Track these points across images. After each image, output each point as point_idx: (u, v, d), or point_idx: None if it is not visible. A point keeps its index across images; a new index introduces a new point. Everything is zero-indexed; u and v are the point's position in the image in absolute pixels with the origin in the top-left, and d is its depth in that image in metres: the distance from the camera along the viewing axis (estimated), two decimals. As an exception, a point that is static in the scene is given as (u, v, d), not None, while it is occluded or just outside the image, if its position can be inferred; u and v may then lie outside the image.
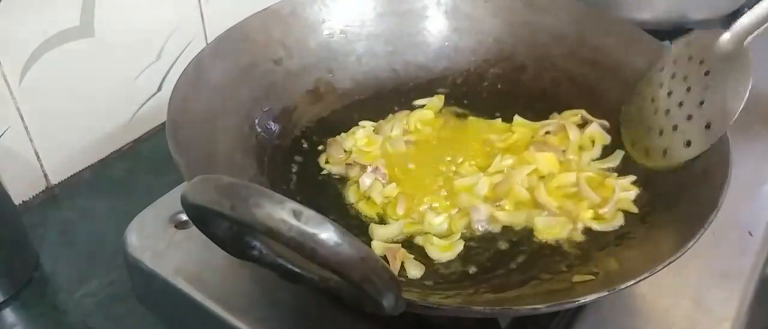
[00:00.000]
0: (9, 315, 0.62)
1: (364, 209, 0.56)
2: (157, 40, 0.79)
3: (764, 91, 0.77)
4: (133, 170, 0.78)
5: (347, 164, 0.59)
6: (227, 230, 0.38)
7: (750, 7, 0.86)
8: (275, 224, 0.30)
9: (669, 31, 0.76)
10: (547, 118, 0.64)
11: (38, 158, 0.72)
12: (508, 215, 0.54)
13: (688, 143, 0.53)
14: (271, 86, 0.61)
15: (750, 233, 0.58)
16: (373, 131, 0.63)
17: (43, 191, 0.74)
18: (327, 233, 0.30)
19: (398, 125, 0.62)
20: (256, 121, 0.59)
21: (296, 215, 0.30)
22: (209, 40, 0.80)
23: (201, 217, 0.35)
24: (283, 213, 0.30)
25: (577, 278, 0.46)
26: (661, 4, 0.76)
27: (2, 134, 0.67)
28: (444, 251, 0.52)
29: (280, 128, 0.60)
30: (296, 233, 0.30)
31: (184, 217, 0.57)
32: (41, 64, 0.68)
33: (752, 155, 0.66)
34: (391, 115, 0.64)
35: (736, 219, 0.59)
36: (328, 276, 0.40)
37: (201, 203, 0.32)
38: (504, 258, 0.52)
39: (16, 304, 0.63)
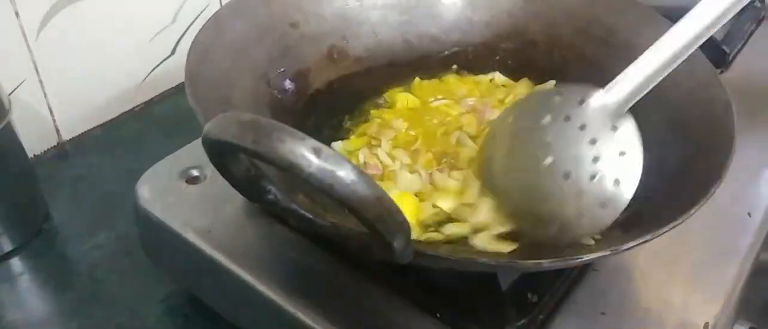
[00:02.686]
0: (18, 263, 0.63)
1: None
2: (174, 4, 0.79)
3: (769, 78, 0.78)
4: (143, 130, 0.80)
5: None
6: (245, 172, 0.39)
7: (761, 0, 0.88)
8: (296, 160, 0.30)
9: (675, 16, 0.77)
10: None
11: (51, 113, 0.73)
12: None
13: (579, 217, 0.46)
14: (286, 48, 0.61)
15: (749, 215, 0.59)
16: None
17: (54, 146, 0.75)
18: (345, 171, 0.31)
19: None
20: (271, 80, 0.59)
21: (316, 152, 0.31)
22: (224, 6, 0.81)
23: (221, 154, 0.36)
24: (304, 149, 0.31)
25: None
26: (673, -10, 0.76)
27: (18, 87, 0.68)
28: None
29: (295, 88, 0.61)
30: (316, 169, 0.31)
31: (195, 173, 0.58)
32: (58, 20, 0.69)
33: (756, 139, 0.67)
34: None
35: (737, 200, 0.60)
36: (340, 224, 0.41)
37: (223, 138, 0.32)
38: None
39: (25, 254, 0.64)
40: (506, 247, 0.48)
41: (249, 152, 0.32)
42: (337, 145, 0.59)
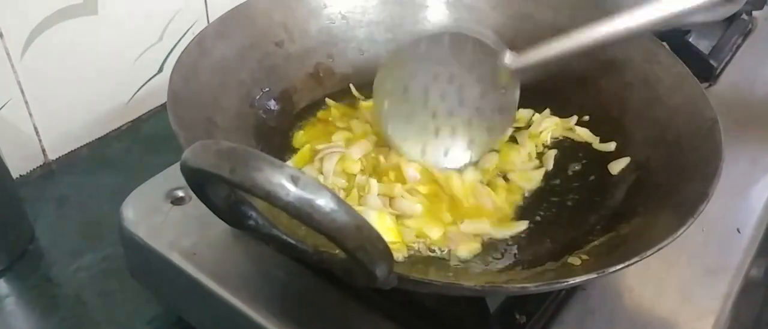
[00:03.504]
0: (2, 286, 0.63)
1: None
2: (160, 22, 0.79)
3: (757, 94, 0.78)
4: (130, 149, 0.79)
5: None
6: (225, 199, 0.38)
7: (748, 13, 0.89)
8: (273, 189, 0.30)
9: (667, 33, 0.77)
10: (541, 110, 0.65)
11: (37, 132, 0.72)
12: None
13: (446, 153, 0.59)
14: (271, 68, 0.61)
15: (738, 231, 0.59)
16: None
17: (40, 166, 0.74)
18: (324, 200, 0.31)
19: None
20: (256, 100, 0.59)
21: (294, 180, 0.30)
22: (211, 23, 0.81)
23: (200, 182, 0.36)
24: (282, 178, 0.30)
25: (570, 260, 0.47)
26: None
27: (2, 107, 0.68)
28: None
29: (280, 109, 0.61)
30: (294, 198, 0.30)
31: (180, 193, 0.57)
32: (44, 40, 0.68)
33: (744, 156, 0.67)
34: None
35: (725, 217, 0.59)
36: (322, 249, 0.40)
37: (201, 166, 0.32)
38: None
39: (10, 275, 0.63)
40: (520, 226, 0.54)
41: (226, 181, 0.31)
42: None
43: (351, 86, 0.66)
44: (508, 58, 0.56)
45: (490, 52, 0.56)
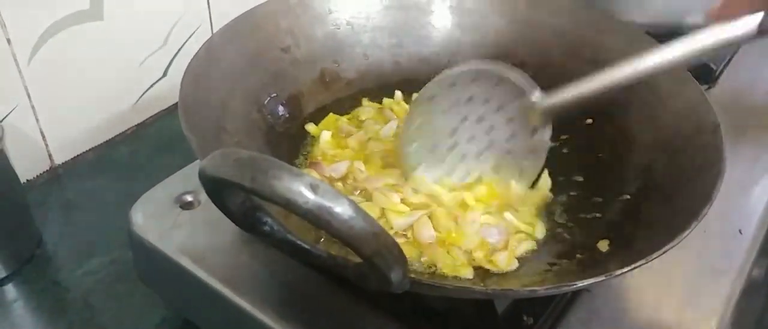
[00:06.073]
0: (11, 290, 0.63)
1: None
2: (164, 27, 0.80)
3: (756, 95, 0.79)
4: (135, 153, 0.80)
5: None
6: (241, 205, 0.39)
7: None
8: (293, 197, 0.31)
9: (665, 35, 0.78)
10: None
11: (44, 137, 0.73)
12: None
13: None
14: (278, 73, 0.62)
15: (740, 232, 0.59)
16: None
17: (47, 170, 0.75)
18: (342, 207, 0.31)
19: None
20: (264, 105, 0.60)
21: (313, 188, 0.31)
22: (215, 28, 0.82)
23: (217, 190, 0.36)
24: (301, 186, 0.31)
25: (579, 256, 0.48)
26: (658, 7, 0.77)
27: (9, 112, 0.68)
28: None
29: (288, 114, 0.62)
30: (313, 206, 0.31)
31: (189, 198, 0.58)
32: (50, 45, 0.69)
33: (744, 157, 0.67)
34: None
35: (727, 218, 0.60)
36: (336, 253, 0.41)
37: (221, 175, 0.33)
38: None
39: (18, 280, 0.64)
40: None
41: (247, 190, 0.32)
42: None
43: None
44: (538, 97, 0.55)
45: (519, 91, 0.55)
